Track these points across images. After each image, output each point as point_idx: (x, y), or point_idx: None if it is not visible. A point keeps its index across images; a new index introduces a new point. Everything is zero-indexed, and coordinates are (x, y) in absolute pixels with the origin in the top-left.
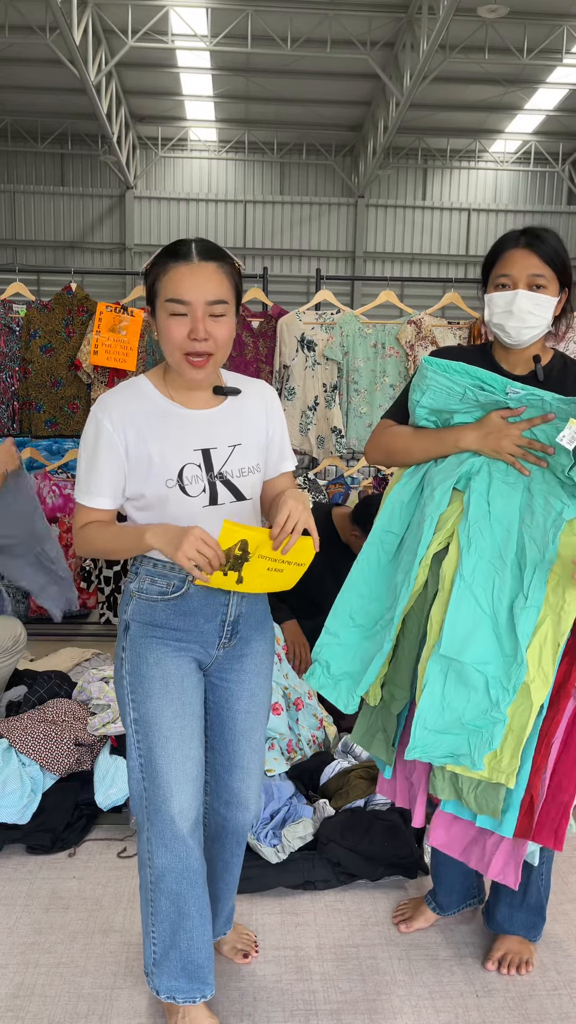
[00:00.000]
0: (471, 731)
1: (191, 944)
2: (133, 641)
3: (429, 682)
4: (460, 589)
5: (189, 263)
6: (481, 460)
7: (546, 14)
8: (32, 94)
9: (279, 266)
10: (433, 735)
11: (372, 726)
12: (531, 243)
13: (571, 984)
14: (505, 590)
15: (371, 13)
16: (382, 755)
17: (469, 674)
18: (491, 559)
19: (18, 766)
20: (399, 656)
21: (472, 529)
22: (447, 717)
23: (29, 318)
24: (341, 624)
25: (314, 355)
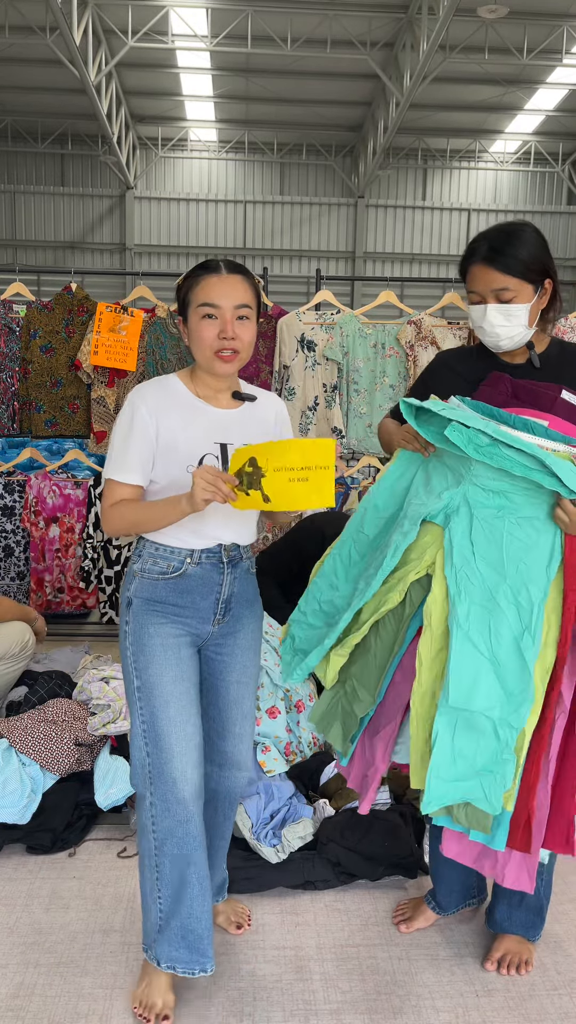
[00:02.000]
0: (484, 776)
1: (191, 912)
2: (136, 614)
3: (439, 735)
4: (459, 638)
5: (219, 274)
6: (460, 497)
7: (546, 14)
8: (32, 94)
9: (279, 266)
10: (447, 784)
11: (330, 713)
12: (490, 257)
13: (571, 984)
14: (502, 630)
15: (371, 13)
16: (338, 745)
17: (478, 721)
18: (483, 602)
19: (18, 766)
20: (368, 657)
21: (459, 574)
22: (460, 766)
23: (29, 318)
24: (310, 607)
25: (314, 355)
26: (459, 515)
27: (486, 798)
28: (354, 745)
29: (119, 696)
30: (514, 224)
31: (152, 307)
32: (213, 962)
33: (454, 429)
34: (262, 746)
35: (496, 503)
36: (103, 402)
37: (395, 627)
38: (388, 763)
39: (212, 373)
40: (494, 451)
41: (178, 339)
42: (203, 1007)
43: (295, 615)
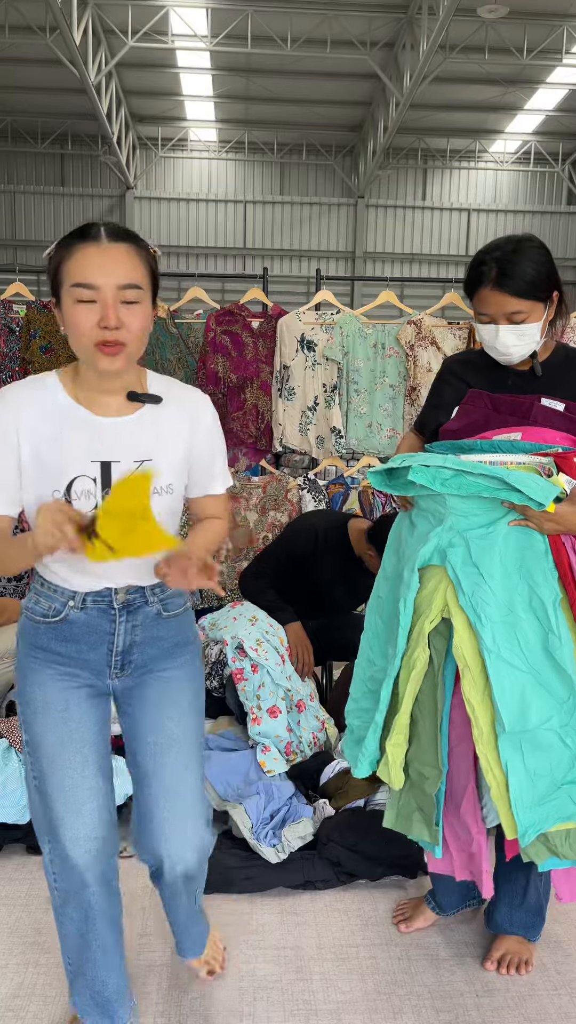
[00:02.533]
0: (569, 787)
1: (96, 977)
2: (20, 661)
3: (510, 764)
4: (493, 663)
5: (98, 244)
6: (447, 530)
7: (546, 14)
8: (32, 94)
9: (279, 266)
10: (535, 810)
11: (405, 807)
12: (501, 282)
13: (571, 984)
14: (530, 640)
15: (371, 13)
16: (425, 836)
17: (541, 737)
18: (503, 618)
19: (18, 766)
20: (420, 735)
21: (475, 600)
22: (540, 787)
23: (29, 318)
24: (359, 690)
25: (314, 355)
26: (454, 546)
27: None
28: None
29: None
30: (520, 242)
31: None
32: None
33: (416, 471)
34: (262, 746)
35: (483, 521)
36: None
37: (432, 689)
38: (485, 831)
39: (96, 370)
40: (460, 480)
41: (178, 339)
42: (203, 1007)
43: (349, 706)
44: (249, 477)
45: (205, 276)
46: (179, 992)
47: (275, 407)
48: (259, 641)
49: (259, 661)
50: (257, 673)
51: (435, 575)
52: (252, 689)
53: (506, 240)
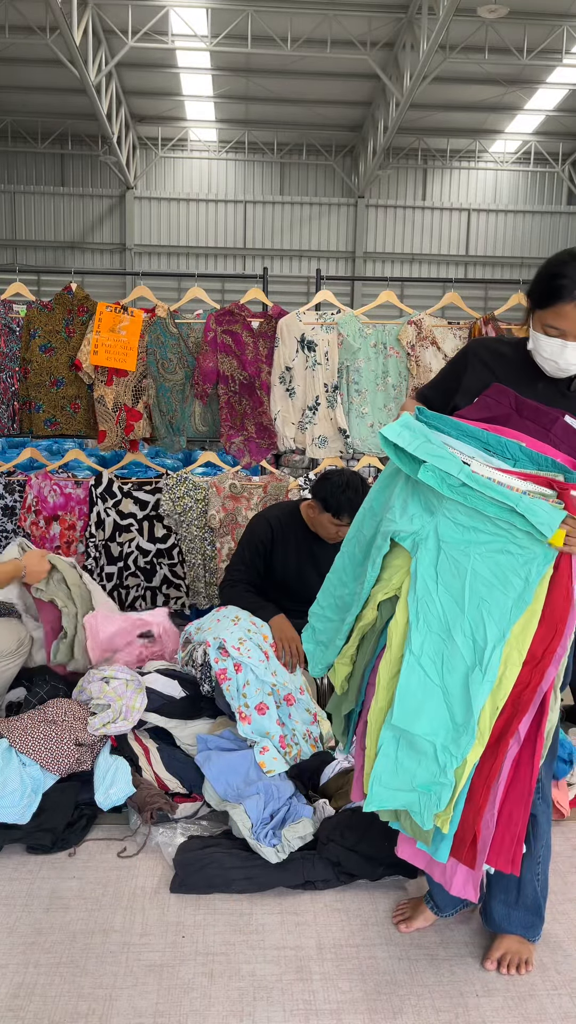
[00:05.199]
0: (421, 792)
1: None
2: None
3: (384, 746)
4: (409, 663)
5: None
6: (430, 528)
7: (546, 14)
8: (32, 94)
9: (279, 266)
10: (388, 791)
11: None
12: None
13: (571, 984)
14: (456, 663)
15: (371, 13)
16: (339, 736)
17: (419, 743)
18: (439, 632)
19: (18, 766)
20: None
21: (420, 604)
22: (400, 778)
23: (29, 318)
24: (327, 600)
25: (315, 355)
26: (427, 546)
27: (420, 813)
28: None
29: (119, 696)
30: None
31: (152, 307)
32: None
33: (427, 470)
34: (260, 747)
35: (465, 538)
36: (103, 401)
37: (370, 640)
38: None
39: None
40: (466, 492)
41: (179, 339)
42: (203, 1007)
43: (315, 608)
44: (249, 477)
45: (205, 276)
46: (179, 992)
47: (280, 405)
48: (241, 640)
49: (242, 660)
50: (240, 672)
51: (404, 553)
52: (237, 688)
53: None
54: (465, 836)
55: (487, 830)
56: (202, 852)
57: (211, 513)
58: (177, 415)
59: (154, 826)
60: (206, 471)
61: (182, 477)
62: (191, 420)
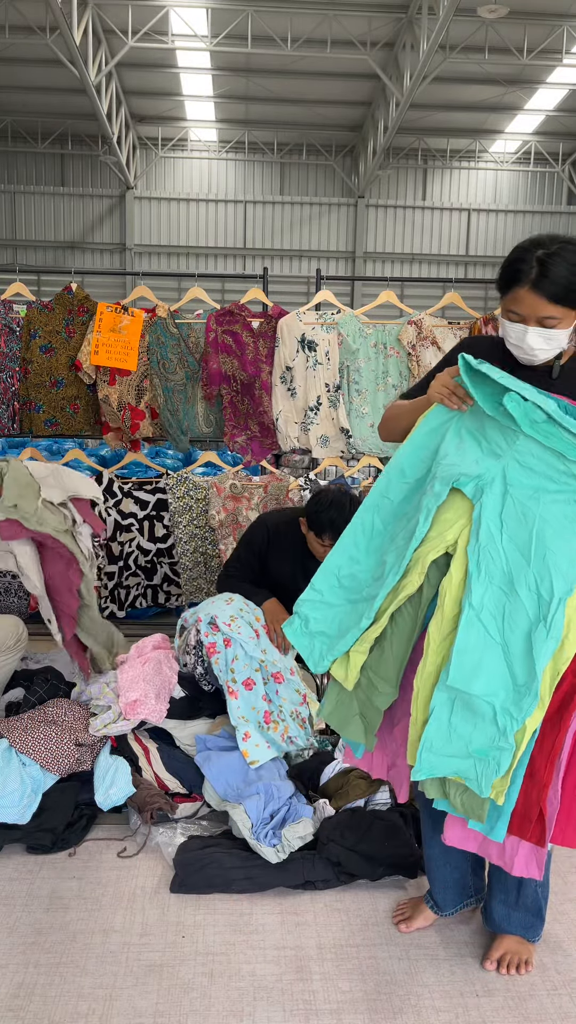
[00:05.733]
0: (478, 758)
1: None
2: None
3: (436, 710)
4: (469, 618)
5: None
6: (497, 471)
7: (546, 14)
8: (32, 94)
9: (279, 266)
10: (440, 758)
11: (346, 708)
12: (540, 284)
13: (571, 984)
14: (518, 618)
15: (371, 13)
16: (360, 739)
17: (477, 704)
18: (501, 585)
19: (18, 766)
20: (386, 649)
21: (483, 553)
22: (454, 744)
23: (29, 318)
24: (327, 583)
25: (315, 355)
26: (492, 490)
27: (477, 780)
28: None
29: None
30: (563, 244)
31: (152, 307)
32: None
33: (512, 400)
34: (242, 732)
35: (534, 483)
36: (107, 400)
37: (413, 614)
38: None
39: None
40: (550, 430)
41: (179, 339)
42: (203, 1007)
43: (306, 595)
44: (250, 477)
45: (205, 276)
46: (179, 992)
47: (282, 405)
48: (232, 617)
49: (231, 635)
50: (230, 647)
51: (458, 506)
52: (226, 662)
53: (549, 239)
54: (530, 812)
55: (552, 806)
56: (202, 852)
57: (211, 513)
58: (179, 415)
59: (154, 826)
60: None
61: (183, 477)
62: (195, 420)
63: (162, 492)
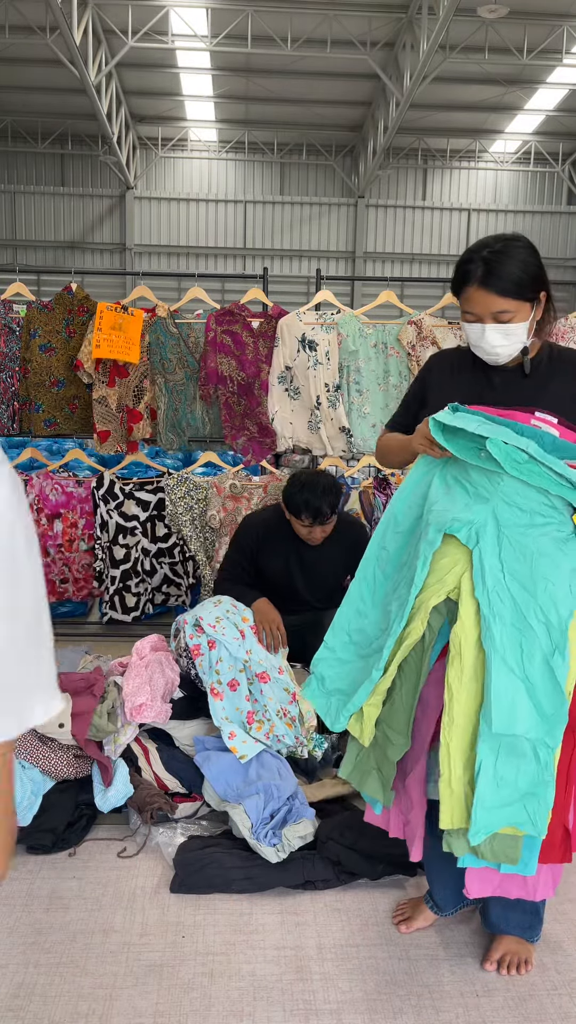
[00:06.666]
0: (527, 799)
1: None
2: None
3: (483, 764)
4: (496, 662)
5: None
6: (488, 514)
7: (546, 14)
8: (32, 94)
9: (279, 266)
10: (492, 812)
11: (363, 763)
12: (487, 281)
13: (571, 984)
14: (534, 651)
15: (371, 13)
16: (378, 795)
17: (519, 745)
18: (514, 622)
19: (18, 768)
20: (395, 700)
21: (492, 596)
22: (503, 792)
23: (29, 318)
24: (339, 640)
25: (315, 354)
26: (487, 533)
27: (531, 821)
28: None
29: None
30: (507, 242)
31: (152, 307)
32: None
33: (495, 444)
34: (227, 731)
35: (524, 520)
36: (104, 402)
37: (418, 661)
38: (424, 804)
39: None
40: (533, 468)
41: (179, 339)
42: (203, 1007)
43: (321, 654)
44: (250, 476)
45: (205, 276)
46: (179, 992)
47: (279, 406)
48: (218, 619)
49: (216, 637)
50: (214, 649)
51: (453, 552)
52: (210, 664)
53: (494, 239)
54: (553, 836)
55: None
56: (202, 852)
57: (211, 513)
58: (178, 415)
59: (154, 826)
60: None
61: (182, 477)
62: (195, 420)
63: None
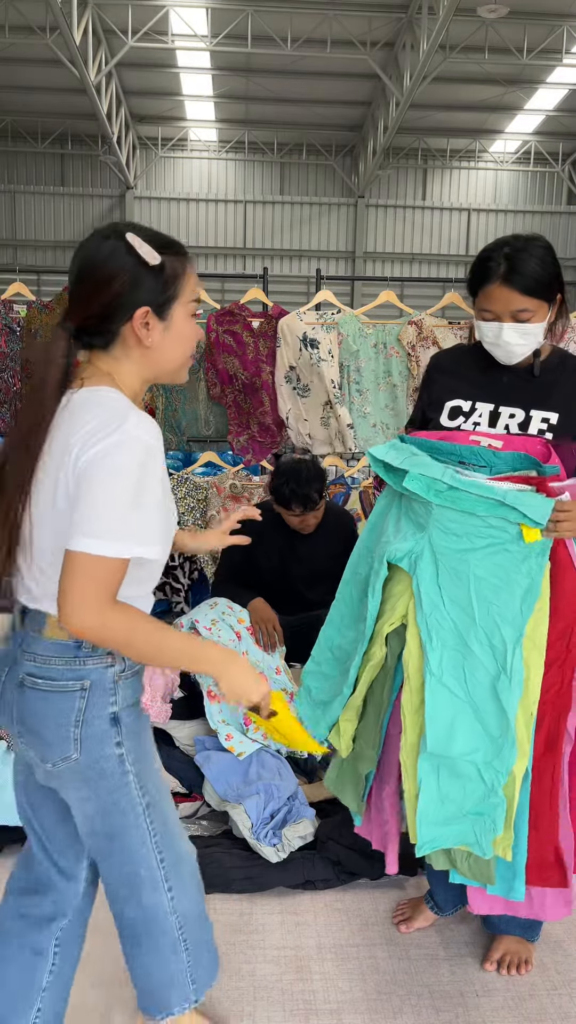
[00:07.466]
0: (474, 818)
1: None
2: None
3: (424, 780)
4: (432, 684)
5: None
6: (424, 542)
7: (546, 14)
8: (32, 94)
9: (279, 266)
10: (438, 828)
11: (342, 776)
12: (510, 278)
13: (571, 984)
14: (478, 674)
15: (371, 13)
16: (352, 807)
17: (460, 766)
18: (455, 646)
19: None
20: (366, 718)
21: (430, 621)
22: (448, 809)
23: (30, 318)
24: (323, 656)
25: (318, 352)
26: (424, 560)
27: (478, 843)
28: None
29: None
30: (529, 240)
31: None
32: None
33: (412, 479)
34: (224, 733)
35: (461, 546)
36: None
37: (383, 680)
38: (398, 817)
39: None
40: (455, 495)
41: None
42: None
43: (309, 667)
44: (250, 476)
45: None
46: None
47: (290, 404)
48: (214, 620)
49: (211, 639)
50: None
51: (403, 579)
52: None
53: (514, 237)
54: (545, 858)
55: (567, 842)
56: (202, 852)
57: (211, 513)
58: (177, 415)
59: None
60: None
61: (183, 477)
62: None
63: None
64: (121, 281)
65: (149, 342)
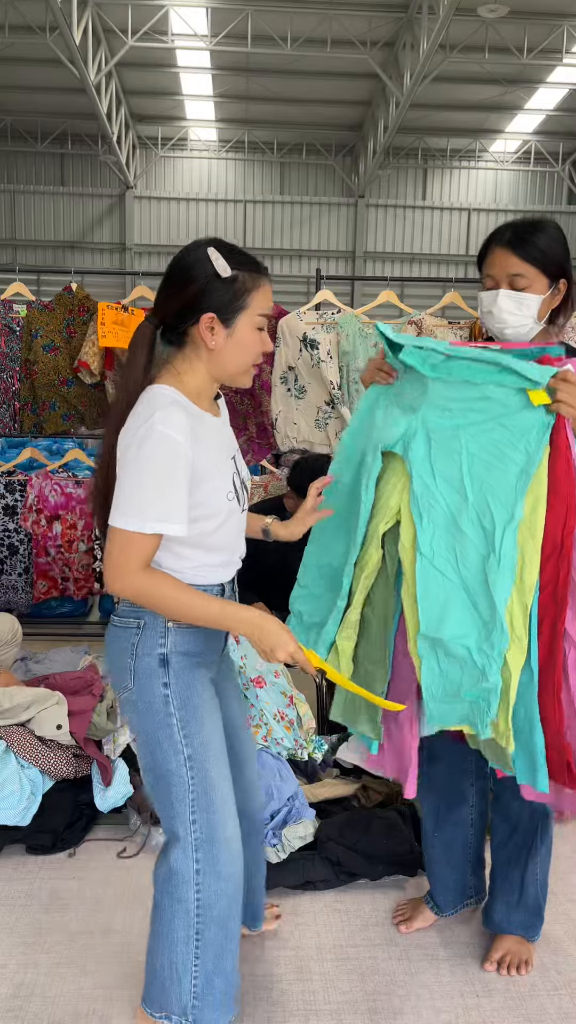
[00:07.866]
0: (471, 702)
1: (234, 965)
2: (178, 674)
3: (424, 659)
4: (423, 566)
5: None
6: (417, 422)
7: (546, 14)
8: (32, 94)
9: (279, 266)
10: (443, 704)
11: (352, 702)
12: (513, 242)
13: (571, 984)
14: (469, 554)
15: (371, 13)
16: (368, 732)
17: (453, 648)
18: (447, 527)
19: (17, 768)
20: (369, 633)
21: (422, 501)
22: (450, 687)
23: (30, 318)
24: (310, 576)
25: (318, 352)
26: (416, 440)
27: (476, 724)
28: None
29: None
30: (541, 219)
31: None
32: None
33: (409, 352)
34: None
35: (454, 422)
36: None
37: (384, 592)
38: (418, 738)
39: (237, 384)
40: (450, 365)
41: None
42: None
43: (295, 592)
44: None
45: None
46: None
47: (281, 406)
48: None
49: None
50: None
51: (395, 473)
52: None
53: (528, 217)
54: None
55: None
56: None
57: None
58: None
59: (154, 826)
60: None
61: None
62: None
63: None
64: (196, 287)
65: (212, 345)
